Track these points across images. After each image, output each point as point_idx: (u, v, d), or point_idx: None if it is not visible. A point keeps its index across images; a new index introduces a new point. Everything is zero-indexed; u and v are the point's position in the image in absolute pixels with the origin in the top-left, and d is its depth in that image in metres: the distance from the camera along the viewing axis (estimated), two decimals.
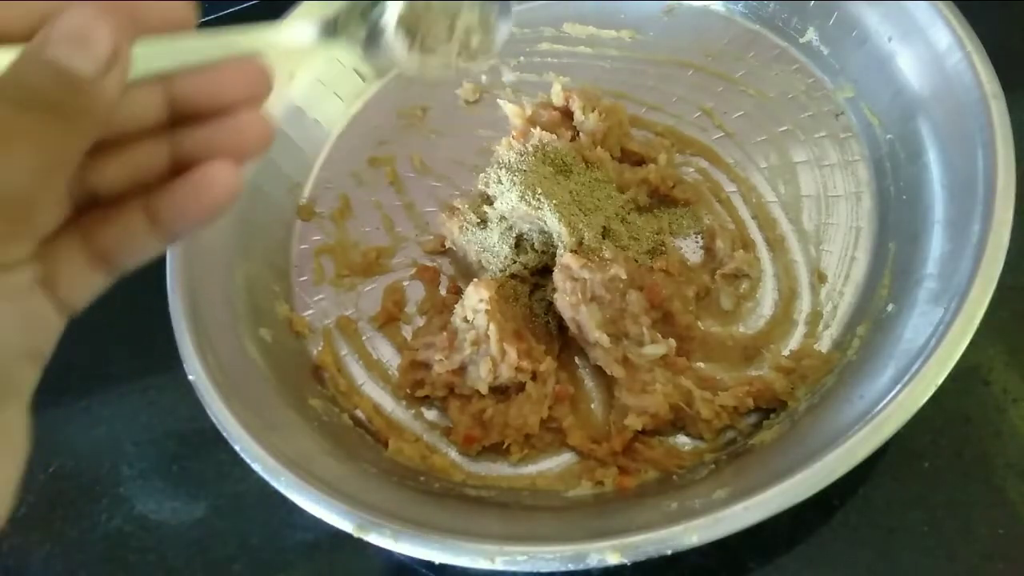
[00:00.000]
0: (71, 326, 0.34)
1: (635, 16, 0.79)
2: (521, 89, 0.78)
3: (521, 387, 0.56)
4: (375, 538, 0.46)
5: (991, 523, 0.50)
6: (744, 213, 0.64)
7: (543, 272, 0.62)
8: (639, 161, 0.68)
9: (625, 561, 0.42)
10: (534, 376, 0.56)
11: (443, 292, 0.67)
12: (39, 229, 0.29)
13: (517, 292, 0.61)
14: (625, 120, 0.68)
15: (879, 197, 0.61)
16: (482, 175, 0.64)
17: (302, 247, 0.72)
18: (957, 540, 0.50)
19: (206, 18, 0.98)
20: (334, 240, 0.72)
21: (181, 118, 0.33)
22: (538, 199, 0.58)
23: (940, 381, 0.44)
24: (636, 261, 0.60)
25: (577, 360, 0.60)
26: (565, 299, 0.56)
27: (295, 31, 0.35)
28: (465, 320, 0.57)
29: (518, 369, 0.55)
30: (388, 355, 0.64)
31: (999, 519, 0.50)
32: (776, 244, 0.62)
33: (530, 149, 0.62)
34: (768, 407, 0.55)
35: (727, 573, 0.52)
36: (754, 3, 0.74)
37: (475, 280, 0.58)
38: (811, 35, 0.70)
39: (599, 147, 0.65)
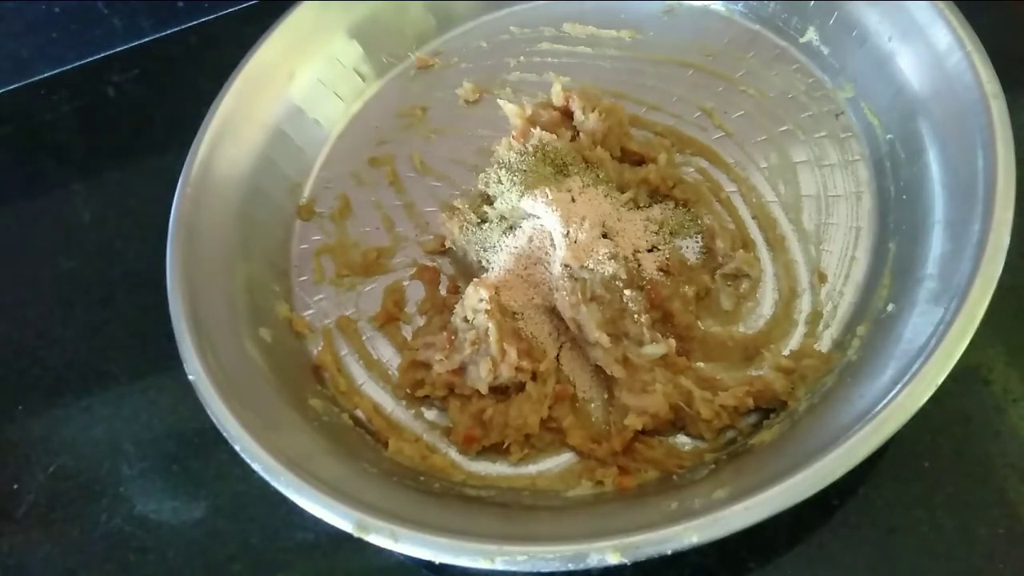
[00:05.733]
0: (71, 326, 0.34)
1: (635, 16, 0.79)
2: (521, 89, 0.78)
3: (521, 387, 0.56)
4: (375, 538, 0.46)
5: (991, 523, 0.50)
6: (744, 213, 0.64)
7: None
8: (639, 161, 0.68)
9: (625, 561, 0.42)
10: (534, 376, 0.56)
11: (443, 292, 0.67)
12: None
13: None
14: (625, 120, 0.68)
15: (879, 197, 0.61)
16: (482, 175, 0.64)
17: (302, 247, 0.72)
18: (957, 540, 0.50)
19: (206, 18, 0.98)
20: (334, 240, 0.72)
21: None
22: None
23: (940, 381, 0.44)
24: (636, 261, 0.60)
25: None
26: (565, 299, 0.56)
27: None
28: (465, 320, 0.57)
29: (518, 369, 0.55)
30: (388, 355, 0.64)
31: (999, 519, 0.50)
32: (776, 244, 0.62)
33: (530, 149, 0.63)
34: (768, 407, 0.55)
35: (727, 573, 0.52)
36: (754, 3, 0.74)
37: (475, 280, 0.58)
38: (811, 35, 0.70)
39: (599, 147, 0.65)
